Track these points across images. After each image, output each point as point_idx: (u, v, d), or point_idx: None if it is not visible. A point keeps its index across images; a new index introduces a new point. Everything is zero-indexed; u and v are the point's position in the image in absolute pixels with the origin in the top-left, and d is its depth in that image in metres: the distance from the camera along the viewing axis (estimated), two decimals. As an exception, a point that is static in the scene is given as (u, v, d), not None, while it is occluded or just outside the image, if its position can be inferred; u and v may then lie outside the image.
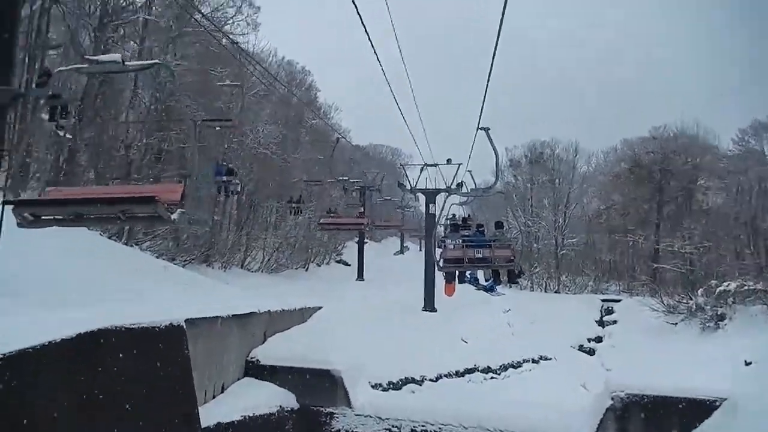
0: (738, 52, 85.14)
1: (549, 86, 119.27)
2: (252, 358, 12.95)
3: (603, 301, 28.79)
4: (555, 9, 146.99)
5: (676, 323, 21.74)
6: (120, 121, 17.45)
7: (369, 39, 8.97)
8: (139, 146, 17.64)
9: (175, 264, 19.35)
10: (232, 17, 24.78)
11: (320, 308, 16.75)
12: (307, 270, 33.75)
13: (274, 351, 13.17)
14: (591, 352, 23.75)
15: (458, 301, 25.08)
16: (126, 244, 16.72)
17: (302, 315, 15.79)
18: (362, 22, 8.31)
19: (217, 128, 17.91)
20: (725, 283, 20.05)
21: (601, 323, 26.50)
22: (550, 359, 20.03)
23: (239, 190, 23.18)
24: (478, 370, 17.19)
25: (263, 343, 13.55)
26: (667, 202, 31.92)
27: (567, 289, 33.52)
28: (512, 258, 14.00)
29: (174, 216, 7.17)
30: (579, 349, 23.85)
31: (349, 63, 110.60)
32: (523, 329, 22.53)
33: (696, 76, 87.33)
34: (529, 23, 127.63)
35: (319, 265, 37.09)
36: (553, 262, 34.87)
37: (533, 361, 19.27)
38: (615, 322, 25.96)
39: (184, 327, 9.29)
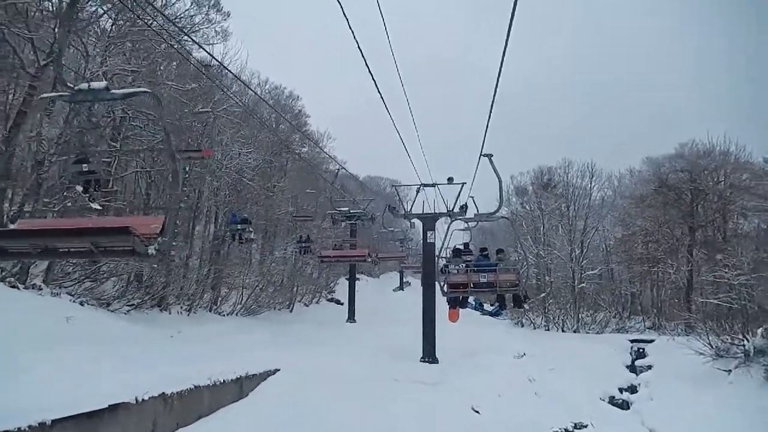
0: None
1: (559, 108, 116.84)
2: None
3: (632, 341, 24.88)
4: (561, 27, 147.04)
5: (730, 370, 17.81)
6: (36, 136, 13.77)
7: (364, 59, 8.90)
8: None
9: (112, 311, 15.71)
10: (195, 24, 21.54)
11: (276, 372, 12.47)
12: (291, 311, 29.95)
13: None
14: (625, 405, 19.76)
15: (465, 343, 21.52)
16: (42, 287, 13.05)
17: (240, 388, 11.30)
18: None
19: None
20: (795, 322, 16.19)
21: (633, 369, 22.54)
22: (586, 426, 15.98)
23: (253, 237, 23.90)
24: (497, 458, 12.48)
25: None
26: (701, 227, 28.15)
27: (587, 327, 29.56)
28: (517, 282, 13.83)
29: (151, 250, 6.08)
30: (610, 402, 19.86)
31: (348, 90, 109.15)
32: (545, 382, 18.51)
33: (718, 92, 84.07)
34: (537, 42, 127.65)
35: (307, 305, 33.35)
36: (570, 297, 30.88)
37: (566, 431, 15.12)
38: (650, 367, 21.98)
39: None
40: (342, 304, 35.35)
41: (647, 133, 71.19)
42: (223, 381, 10.69)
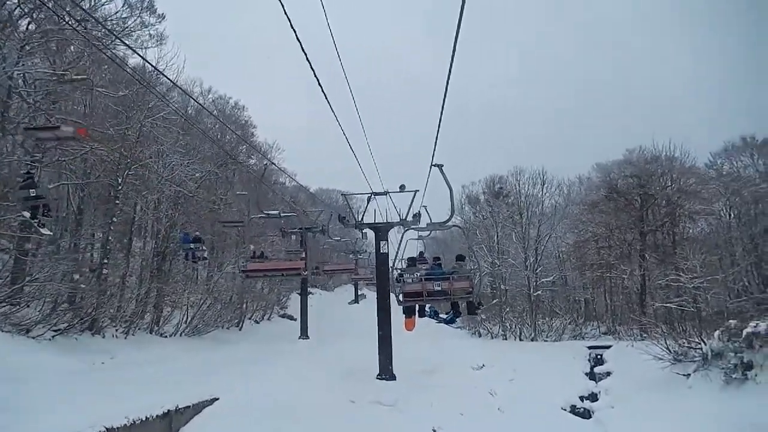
0: (703, 72, 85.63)
1: (510, 117, 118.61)
2: None
3: (590, 348, 24.66)
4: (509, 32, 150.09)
5: (689, 374, 17.61)
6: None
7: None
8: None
9: (32, 338, 14.09)
10: (127, 27, 20.10)
11: (213, 401, 11.07)
12: (241, 329, 28.45)
13: None
14: (586, 414, 19.35)
15: (422, 355, 20.72)
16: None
17: (168, 425, 9.69)
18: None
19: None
20: (752, 324, 16.03)
21: (592, 376, 22.25)
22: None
23: (206, 256, 23.57)
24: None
25: None
26: (651, 231, 28.39)
27: (544, 334, 29.31)
28: (470, 289, 14.07)
29: None
30: (572, 412, 19.43)
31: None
32: (506, 394, 17.89)
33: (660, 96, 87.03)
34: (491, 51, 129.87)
35: (258, 322, 31.89)
36: (526, 305, 30.60)
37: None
38: (608, 374, 21.75)
39: None
40: (295, 319, 33.97)
41: (598, 138, 72.84)
42: (146, 418, 9.07)
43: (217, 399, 11.15)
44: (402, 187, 19.43)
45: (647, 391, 17.92)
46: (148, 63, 15.09)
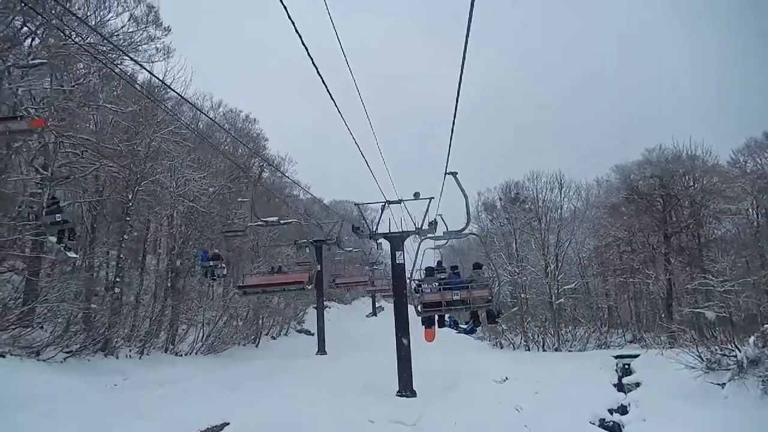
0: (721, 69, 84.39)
1: (526, 122, 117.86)
2: None
3: (617, 357, 23.77)
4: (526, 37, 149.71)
5: (724, 384, 16.76)
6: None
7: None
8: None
9: (43, 361, 13.76)
10: (134, 42, 19.96)
11: (223, 426, 10.57)
12: (257, 345, 28.02)
13: None
14: (616, 428, 18.47)
15: (443, 368, 20.12)
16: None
17: None
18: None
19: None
20: (794, 328, 15.25)
21: (620, 387, 21.35)
22: (582, 457, 14.63)
23: (225, 273, 22.58)
24: None
25: None
26: (676, 233, 27.52)
27: (568, 344, 28.43)
28: (490, 298, 13.96)
29: None
30: (601, 426, 18.53)
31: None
32: (532, 410, 17.16)
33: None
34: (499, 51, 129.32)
35: (275, 338, 31.46)
36: (548, 314, 29.77)
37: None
38: (638, 384, 20.86)
39: None
40: (312, 334, 33.47)
41: (612, 141, 71.88)
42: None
43: (228, 424, 10.64)
44: (416, 195, 18.83)
45: (680, 402, 17.02)
46: (156, 78, 14.90)
